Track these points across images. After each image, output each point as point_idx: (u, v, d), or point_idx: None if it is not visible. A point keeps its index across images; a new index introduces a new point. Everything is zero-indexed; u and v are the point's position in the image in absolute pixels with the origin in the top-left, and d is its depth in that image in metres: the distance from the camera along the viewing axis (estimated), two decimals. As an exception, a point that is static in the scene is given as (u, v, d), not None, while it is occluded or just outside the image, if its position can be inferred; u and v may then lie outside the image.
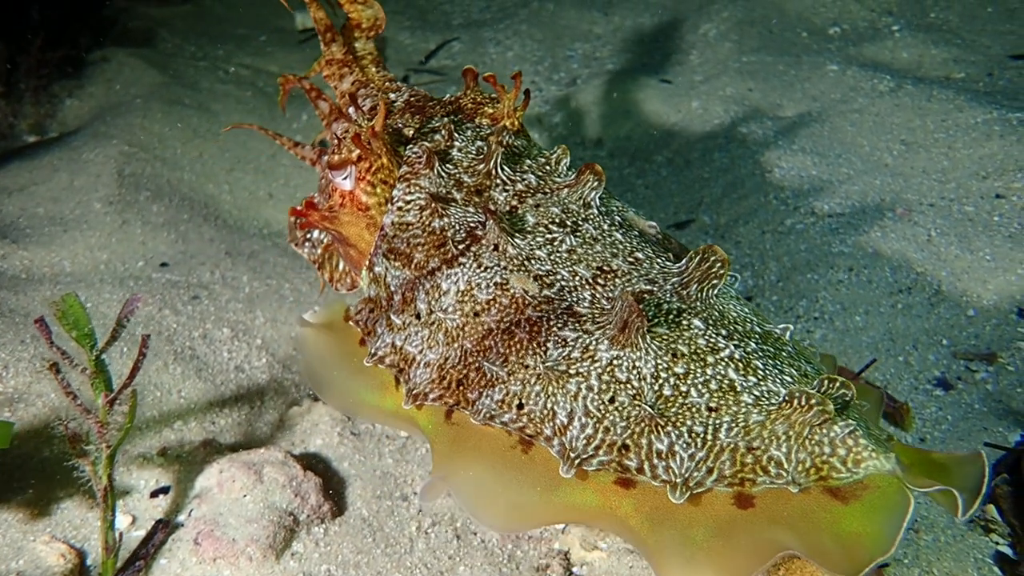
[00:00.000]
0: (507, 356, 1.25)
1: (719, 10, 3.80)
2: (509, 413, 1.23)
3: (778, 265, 2.19)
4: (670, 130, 3.22)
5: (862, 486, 1.04)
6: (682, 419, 1.13)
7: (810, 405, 1.05)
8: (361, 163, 1.51)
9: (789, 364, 1.20)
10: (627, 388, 1.16)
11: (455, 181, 1.46)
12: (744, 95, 3.16)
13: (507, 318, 1.28)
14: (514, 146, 1.52)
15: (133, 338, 1.95)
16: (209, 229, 2.56)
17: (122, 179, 2.51)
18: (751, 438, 1.09)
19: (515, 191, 1.43)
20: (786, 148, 2.67)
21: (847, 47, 3.20)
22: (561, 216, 1.38)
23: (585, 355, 1.20)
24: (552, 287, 1.28)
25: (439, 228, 1.40)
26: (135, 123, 2.76)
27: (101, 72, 3.11)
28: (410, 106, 1.67)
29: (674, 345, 1.18)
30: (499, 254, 1.33)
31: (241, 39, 3.88)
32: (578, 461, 1.17)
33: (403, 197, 1.47)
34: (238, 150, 3.04)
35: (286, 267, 2.47)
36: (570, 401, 1.18)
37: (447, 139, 1.52)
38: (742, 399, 1.12)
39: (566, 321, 1.24)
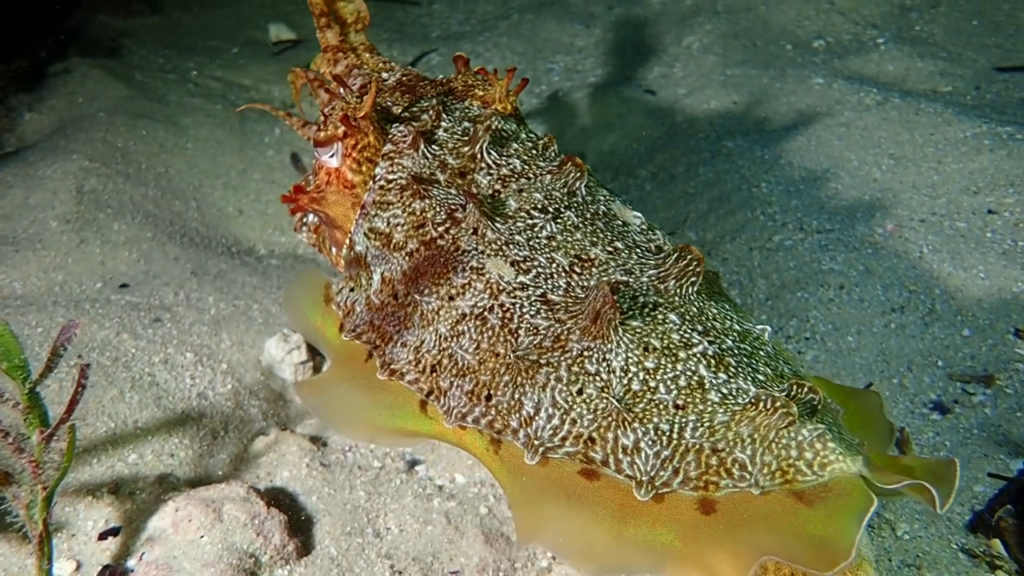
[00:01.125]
0: (479, 343, 1.25)
1: (702, 23, 3.79)
2: (479, 407, 1.22)
3: (767, 283, 2.14)
4: (654, 144, 3.18)
5: (826, 488, 1.03)
6: (649, 415, 1.12)
7: (775, 408, 1.05)
8: (347, 140, 1.50)
9: (765, 364, 1.19)
10: (595, 380, 1.15)
11: (439, 162, 1.46)
12: (729, 108, 3.13)
13: (480, 304, 1.27)
14: (503, 129, 1.51)
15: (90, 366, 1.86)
16: (174, 248, 2.48)
17: (81, 196, 2.42)
18: (716, 439, 1.08)
19: (499, 175, 1.43)
20: (773, 163, 2.64)
21: (832, 60, 3.19)
22: (543, 202, 1.37)
23: (555, 345, 1.19)
24: (528, 273, 1.28)
25: (419, 209, 1.40)
26: (97, 137, 2.68)
27: (63, 84, 3.02)
28: (401, 85, 1.66)
29: (647, 339, 1.17)
30: (477, 238, 1.32)
31: (212, 51, 3.81)
32: (542, 449, 1.16)
33: (385, 176, 1.46)
34: (207, 165, 2.96)
35: (255, 287, 2.39)
36: (538, 392, 1.17)
37: (435, 119, 1.51)
38: (709, 397, 1.12)
39: (539, 309, 1.23)
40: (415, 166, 1.45)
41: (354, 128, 1.48)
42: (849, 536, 0.98)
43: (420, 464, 1.76)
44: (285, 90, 3.69)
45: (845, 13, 3.47)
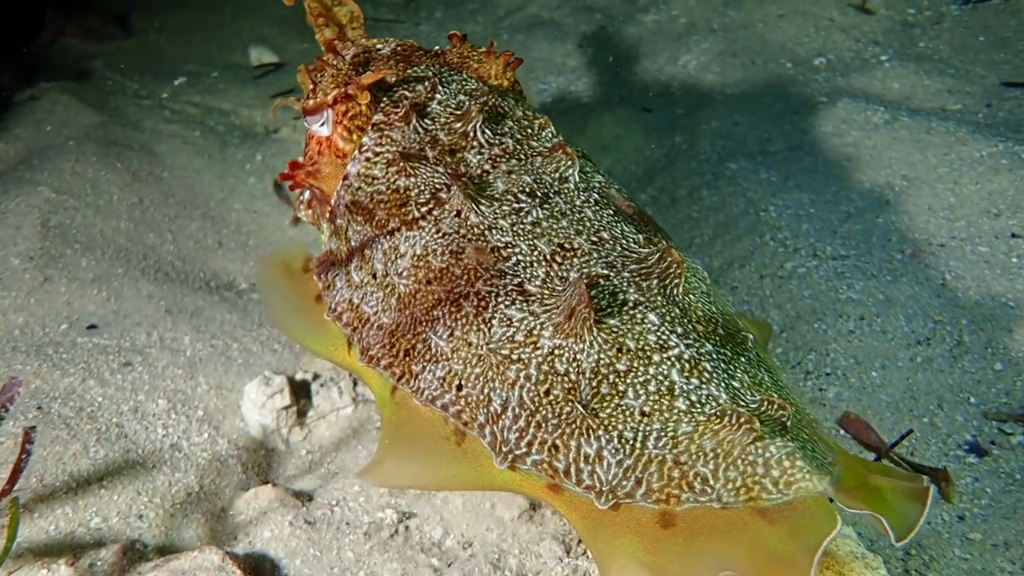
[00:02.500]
0: (453, 330, 1.23)
1: (698, 41, 3.75)
2: (449, 394, 1.21)
3: (781, 313, 2.05)
4: (653, 166, 3.11)
5: (791, 507, 1.01)
6: (614, 422, 1.10)
7: (739, 424, 1.04)
8: (338, 106, 1.47)
9: (743, 371, 1.16)
10: (564, 381, 1.13)
11: (431, 138, 1.42)
12: (730, 129, 3.07)
13: (457, 289, 1.25)
14: (499, 106, 1.47)
15: (50, 420, 1.74)
16: (147, 284, 2.36)
17: (47, 231, 2.30)
18: (679, 451, 1.06)
19: (490, 154, 1.39)
20: (779, 185, 2.56)
21: (835, 78, 3.14)
22: (532, 186, 1.35)
23: (528, 340, 1.17)
24: (508, 260, 1.25)
25: (403, 187, 1.37)
26: (66, 167, 2.57)
27: (30, 112, 2.92)
28: (396, 54, 1.62)
29: (622, 339, 1.14)
30: (460, 221, 1.30)
31: (190, 76, 3.72)
32: (511, 457, 1.15)
33: (372, 148, 1.43)
34: (184, 194, 2.85)
35: (235, 325, 2.27)
36: (507, 389, 1.16)
37: (430, 90, 1.48)
38: (676, 405, 1.09)
39: (514, 299, 1.21)
40: (404, 140, 1.42)
41: (345, 96, 1.45)
42: (808, 557, 0.96)
43: (413, 518, 1.64)
44: (267, 115, 3.60)
45: (846, 30, 3.43)
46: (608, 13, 4.35)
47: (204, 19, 4.28)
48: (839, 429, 1.66)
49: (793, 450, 1.03)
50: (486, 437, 1.17)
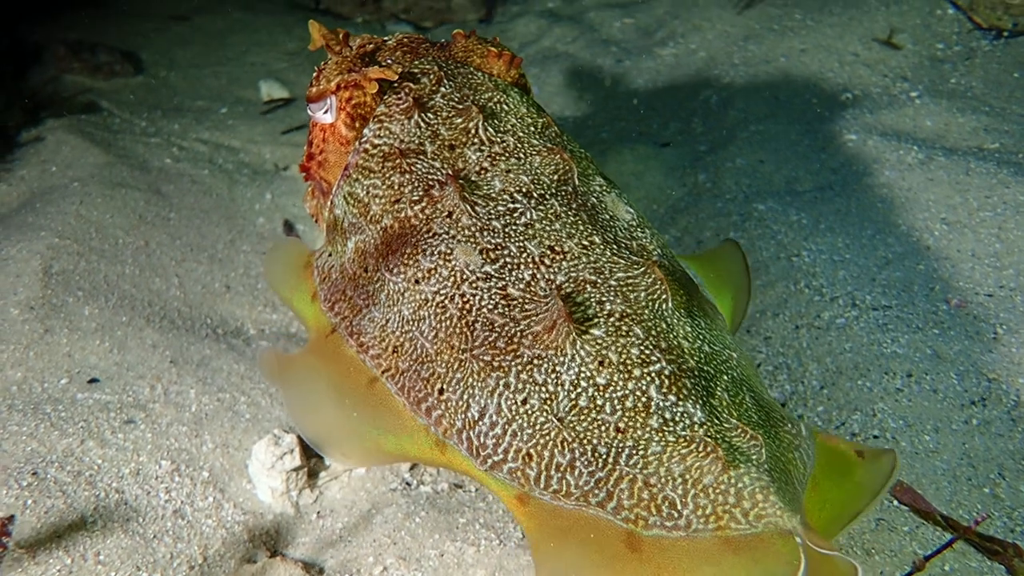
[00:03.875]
0: (437, 331, 1.24)
1: (719, 76, 3.70)
2: (432, 397, 1.23)
3: (820, 368, 1.96)
4: (675, 205, 3.04)
5: (758, 540, 1.02)
6: (590, 436, 1.11)
7: (705, 452, 1.05)
8: (341, 92, 1.48)
9: (724, 389, 1.16)
10: (541, 391, 1.14)
11: (431, 132, 1.42)
12: (756, 167, 3.00)
13: (443, 291, 1.26)
14: (503, 102, 1.47)
15: (45, 487, 1.65)
16: (152, 333, 2.29)
17: (48, 278, 2.24)
18: (648, 472, 1.07)
19: (490, 152, 1.39)
20: (811, 228, 2.48)
21: (863, 115, 3.08)
22: (529, 186, 1.35)
23: (508, 347, 1.18)
24: (496, 263, 1.26)
25: (398, 184, 1.38)
26: (70, 211, 2.52)
27: (35, 152, 2.88)
28: (402, 45, 1.62)
29: (605, 351, 1.15)
30: (451, 222, 1.31)
31: (199, 112, 3.70)
32: (489, 463, 1.16)
33: (371, 139, 1.43)
34: (191, 236, 2.80)
35: (242, 376, 2.20)
36: (486, 396, 1.17)
37: (434, 84, 1.48)
38: (649, 423, 1.10)
39: (497, 303, 1.22)
40: (403, 133, 1.42)
41: (348, 84, 1.46)
42: None
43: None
44: (277, 151, 3.56)
45: (871, 65, 3.38)
46: (624, 47, 4.32)
47: (214, 54, 4.27)
48: (892, 500, 1.56)
49: (767, 484, 1.04)
50: (463, 444, 1.18)
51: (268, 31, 4.57)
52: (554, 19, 4.70)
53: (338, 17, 5.02)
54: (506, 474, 1.15)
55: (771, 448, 1.12)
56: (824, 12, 3.69)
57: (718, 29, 4.03)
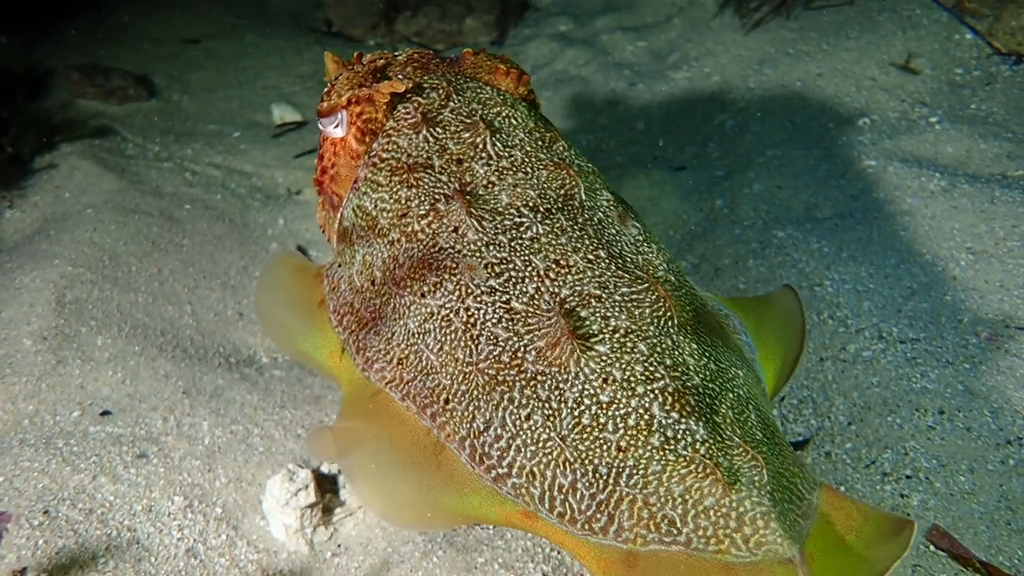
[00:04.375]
0: (442, 345, 1.25)
1: (734, 100, 3.68)
2: (436, 405, 1.23)
3: (846, 403, 1.92)
4: (692, 232, 3.01)
5: (756, 568, 1.02)
6: (591, 456, 1.11)
7: (705, 473, 1.05)
8: (352, 107, 1.51)
9: (728, 406, 1.16)
10: (544, 408, 1.15)
11: (439, 146, 1.44)
12: (773, 193, 2.98)
13: (448, 304, 1.27)
14: (511, 117, 1.49)
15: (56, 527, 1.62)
16: (165, 363, 2.27)
17: (61, 308, 2.22)
18: (648, 492, 1.07)
19: (497, 167, 1.40)
20: (833, 256, 2.45)
21: (882, 140, 3.05)
22: (536, 200, 1.36)
23: (513, 361, 1.19)
24: (500, 277, 1.27)
25: (404, 198, 1.40)
26: (83, 238, 2.51)
27: (49, 178, 2.88)
28: (412, 60, 1.65)
29: (609, 368, 1.15)
30: (457, 236, 1.32)
31: (211, 136, 3.70)
32: (494, 473, 1.16)
33: (379, 153, 1.45)
34: (204, 263, 2.78)
35: (255, 407, 2.17)
36: (491, 409, 1.18)
37: (443, 98, 1.49)
38: (651, 441, 1.10)
39: (501, 317, 1.23)
40: (410, 147, 1.44)
41: (359, 99, 1.49)
42: None
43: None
44: (290, 175, 3.56)
45: (889, 90, 3.36)
46: (637, 70, 4.32)
47: (226, 77, 4.29)
48: (928, 545, 1.51)
49: (768, 509, 1.03)
50: (465, 450, 1.19)
51: (280, 54, 4.59)
52: (566, 42, 4.71)
53: (350, 40, 5.05)
54: (510, 488, 1.15)
55: (774, 467, 1.11)
56: (840, 36, 3.68)
57: (732, 53, 4.03)
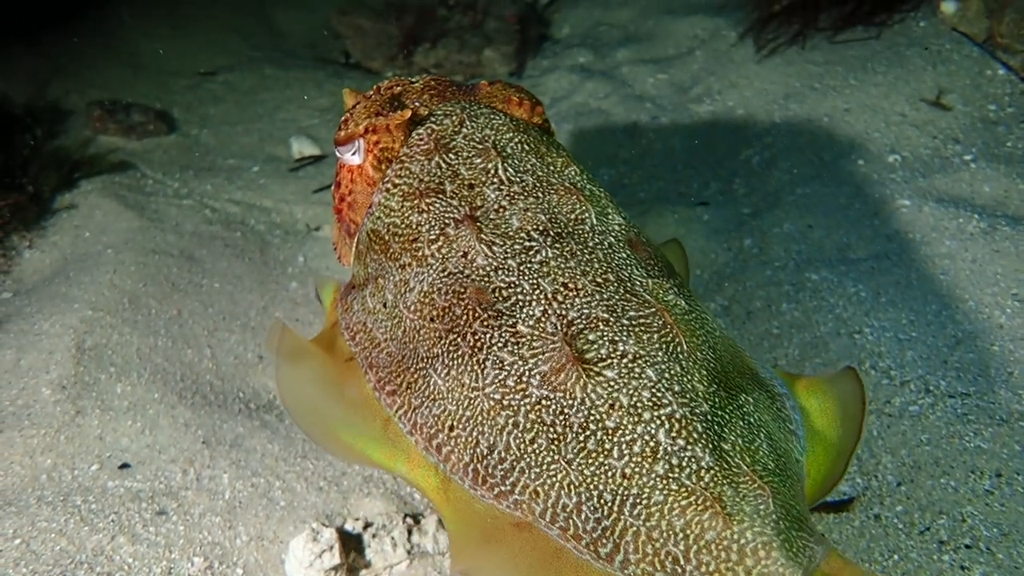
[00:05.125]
0: (450, 369, 1.26)
1: (760, 135, 3.64)
2: (443, 433, 1.24)
3: (894, 461, 1.84)
4: (720, 271, 2.95)
5: None
6: (596, 481, 1.11)
7: (704, 506, 1.05)
8: (369, 136, 1.54)
9: (738, 434, 1.15)
10: (549, 432, 1.15)
11: (451, 172, 1.46)
12: (805, 232, 2.92)
13: (456, 328, 1.28)
14: (524, 143, 1.51)
15: None
16: (184, 410, 2.22)
17: (81, 354, 2.18)
18: (651, 524, 1.07)
19: (509, 191, 1.42)
20: (871, 301, 2.38)
21: (915, 179, 2.99)
22: (546, 224, 1.37)
23: (518, 386, 1.20)
24: (507, 300, 1.28)
25: (415, 223, 1.42)
26: (103, 280, 2.48)
27: (68, 217, 2.86)
28: (428, 88, 1.68)
29: (616, 394, 1.15)
30: (466, 262, 1.34)
31: (231, 171, 3.69)
32: (496, 491, 1.17)
33: (392, 179, 1.48)
34: (224, 304, 2.74)
35: (276, 457, 2.11)
36: (495, 433, 1.18)
37: (456, 125, 1.52)
38: (655, 469, 1.10)
39: (507, 340, 1.24)
40: (422, 173, 1.46)
41: (375, 128, 1.53)
42: None
43: None
44: (309, 210, 3.53)
45: (920, 126, 3.31)
46: (659, 103, 4.29)
47: (245, 111, 4.29)
48: (993, 623, 1.43)
49: (771, 539, 1.03)
50: (468, 476, 1.19)
51: (299, 86, 4.60)
52: (586, 74, 4.69)
53: (368, 72, 5.06)
54: (510, 504, 1.16)
55: (783, 497, 1.10)
56: (867, 71, 3.64)
57: (756, 87, 3.99)
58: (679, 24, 4.81)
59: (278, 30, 5.32)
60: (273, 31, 5.29)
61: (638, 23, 5.12)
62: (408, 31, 4.92)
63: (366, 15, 5.20)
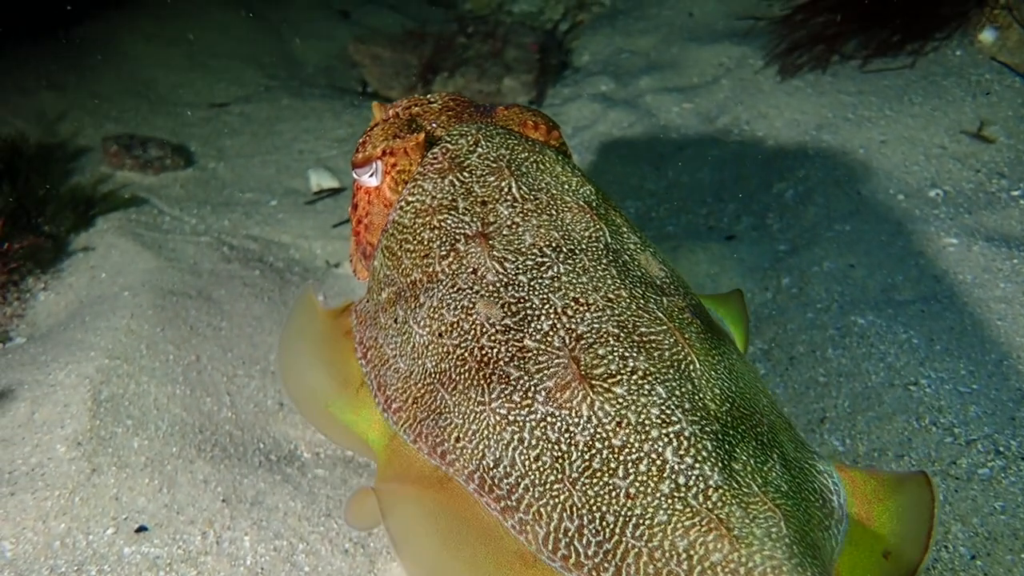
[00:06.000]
0: (456, 383, 1.27)
1: (792, 167, 3.56)
2: (447, 443, 1.24)
3: (966, 531, 1.73)
4: (758, 313, 2.86)
5: None
6: (599, 502, 1.10)
7: (708, 528, 1.03)
8: (387, 158, 1.57)
9: (748, 454, 1.14)
10: (554, 449, 1.15)
11: (465, 189, 1.47)
12: (846, 272, 2.82)
13: (464, 343, 1.29)
14: (539, 162, 1.52)
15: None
16: (203, 464, 2.13)
17: (98, 407, 2.10)
18: (653, 545, 1.05)
19: (522, 208, 1.43)
20: (926, 350, 2.28)
21: (960, 215, 2.90)
22: (559, 241, 1.37)
23: (524, 401, 1.19)
24: (516, 316, 1.28)
25: (427, 239, 1.43)
26: (120, 325, 2.40)
27: (84, 258, 2.79)
28: (447, 108, 1.70)
29: (624, 411, 1.14)
30: (476, 278, 1.34)
31: (249, 205, 3.63)
32: (502, 504, 1.16)
33: (406, 196, 1.50)
34: (243, 347, 2.66)
35: (299, 516, 2.02)
36: (501, 448, 1.18)
37: (471, 144, 1.53)
38: (660, 488, 1.09)
39: (513, 355, 1.24)
40: (435, 191, 1.47)
41: (392, 151, 1.56)
42: None
43: None
44: (328, 246, 3.46)
45: (961, 160, 3.22)
46: (684, 133, 4.22)
47: (262, 142, 4.24)
48: None
49: (780, 563, 1.01)
50: (473, 482, 1.19)
51: (317, 117, 4.56)
52: (608, 103, 4.63)
53: (386, 101, 5.02)
54: (515, 523, 1.14)
55: (796, 520, 1.08)
56: (903, 102, 3.56)
57: (786, 117, 3.92)
58: (704, 51, 4.75)
59: (295, 59, 5.30)
60: (290, 60, 5.27)
61: (660, 50, 5.06)
62: (427, 60, 4.88)
63: (384, 43, 5.18)
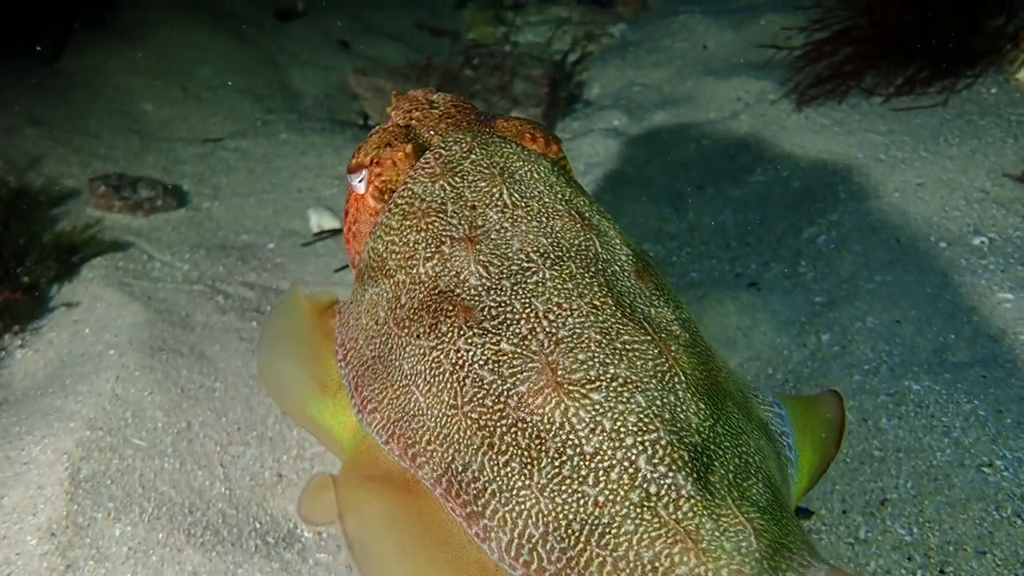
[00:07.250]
0: (431, 386, 1.27)
1: (824, 211, 3.40)
2: (418, 445, 1.25)
3: (1067, 644, 1.53)
4: (796, 372, 2.68)
5: None
6: (567, 510, 1.10)
7: (675, 539, 1.02)
8: (374, 168, 1.58)
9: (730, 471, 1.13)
10: (524, 455, 1.14)
11: (455, 193, 1.47)
12: (892, 329, 2.65)
13: (440, 346, 1.29)
14: (533, 171, 1.51)
15: None
16: (193, 552, 1.93)
17: (76, 488, 1.90)
18: (618, 555, 1.04)
19: (512, 215, 1.42)
20: (994, 423, 2.10)
21: (1011, 266, 2.74)
22: (547, 247, 1.37)
23: (495, 406, 1.20)
24: (495, 319, 1.28)
25: (412, 241, 1.44)
26: (104, 390, 2.20)
27: (67, 312, 2.60)
28: (447, 116, 1.70)
29: (600, 418, 1.14)
30: (459, 281, 1.35)
31: (245, 249, 3.44)
32: (468, 510, 1.16)
33: (396, 199, 1.51)
34: (239, 411, 2.46)
35: (302, 614, 1.81)
36: (471, 453, 1.18)
37: (466, 151, 1.53)
38: (630, 497, 1.08)
39: (488, 359, 1.24)
40: (425, 194, 1.48)
41: (379, 161, 1.57)
42: None
43: None
44: (328, 291, 3.28)
45: (1006, 204, 3.07)
46: (704, 171, 4.08)
47: (259, 180, 4.08)
48: None
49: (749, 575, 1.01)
50: (441, 486, 1.19)
51: (316, 152, 4.40)
52: (622, 139, 4.49)
53: (389, 135, 4.86)
54: (480, 530, 1.14)
55: (772, 535, 1.06)
56: (939, 143, 3.43)
57: (812, 156, 3.78)
58: (720, 86, 4.63)
59: (293, 91, 5.16)
60: (287, 92, 5.13)
61: (675, 84, 4.95)
62: (432, 93, 4.75)
63: (386, 75, 5.05)
